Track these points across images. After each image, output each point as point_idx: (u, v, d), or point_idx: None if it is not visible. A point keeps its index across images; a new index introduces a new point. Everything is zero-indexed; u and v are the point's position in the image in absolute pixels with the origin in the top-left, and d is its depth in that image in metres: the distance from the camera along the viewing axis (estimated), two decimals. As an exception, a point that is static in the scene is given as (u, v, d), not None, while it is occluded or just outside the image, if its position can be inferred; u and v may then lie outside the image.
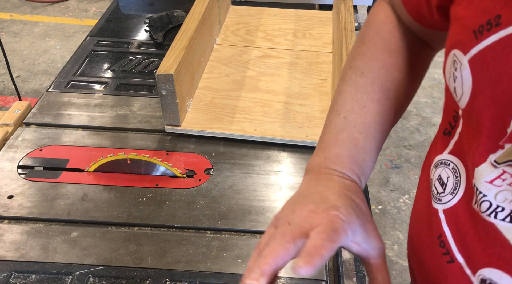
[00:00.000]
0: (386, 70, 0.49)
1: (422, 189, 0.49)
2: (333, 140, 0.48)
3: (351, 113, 0.49)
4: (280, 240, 0.37)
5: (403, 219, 1.82)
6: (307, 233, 0.36)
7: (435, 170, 0.45)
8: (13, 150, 0.79)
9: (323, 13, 1.18)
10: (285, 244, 0.37)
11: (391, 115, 0.50)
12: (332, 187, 0.43)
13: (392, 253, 1.70)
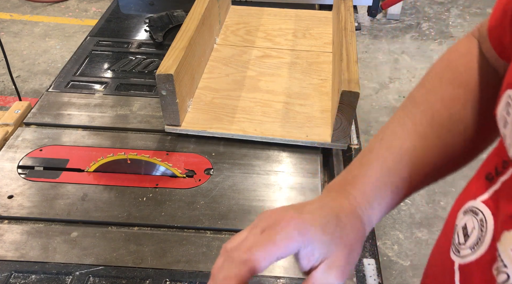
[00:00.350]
0: (443, 104, 0.43)
1: (446, 231, 0.44)
2: (359, 159, 0.45)
3: (389, 136, 0.46)
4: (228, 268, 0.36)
5: (403, 219, 1.82)
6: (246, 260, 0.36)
7: (462, 216, 0.40)
8: (13, 150, 0.79)
9: (323, 13, 1.18)
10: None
11: (437, 157, 0.44)
12: (323, 201, 0.41)
13: (392, 253, 1.70)
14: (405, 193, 0.44)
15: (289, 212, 0.38)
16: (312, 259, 0.37)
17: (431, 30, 3.04)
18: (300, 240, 0.36)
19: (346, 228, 0.39)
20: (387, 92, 2.49)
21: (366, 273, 0.62)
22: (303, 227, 0.36)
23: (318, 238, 0.37)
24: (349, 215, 0.40)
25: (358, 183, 0.42)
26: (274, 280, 0.61)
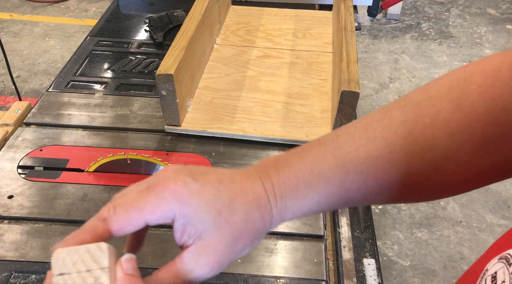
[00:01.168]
0: (432, 124, 0.36)
1: (475, 270, 0.37)
2: (306, 146, 0.39)
3: (346, 134, 0.39)
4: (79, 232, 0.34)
5: (403, 219, 1.82)
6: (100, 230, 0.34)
7: (496, 261, 0.33)
8: (13, 150, 0.79)
9: (323, 13, 1.18)
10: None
11: (387, 181, 0.37)
12: (233, 176, 0.36)
13: (392, 253, 1.70)
14: (332, 204, 0.38)
15: (179, 176, 0.34)
16: (185, 235, 0.34)
17: (431, 30, 3.04)
18: (173, 209, 0.33)
19: (236, 214, 0.35)
20: (387, 92, 2.49)
21: (366, 273, 0.62)
22: (184, 196, 0.33)
23: (197, 214, 0.33)
24: (250, 202, 0.35)
25: (284, 171, 0.37)
26: (274, 280, 0.61)
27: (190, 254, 0.34)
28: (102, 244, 0.33)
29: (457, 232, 1.78)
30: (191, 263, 0.34)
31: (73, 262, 0.32)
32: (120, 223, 0.34)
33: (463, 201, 1.90)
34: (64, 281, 0.32)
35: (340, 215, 0.70)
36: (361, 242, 0.66)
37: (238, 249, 0.35)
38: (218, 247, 0.34)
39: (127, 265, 0.34)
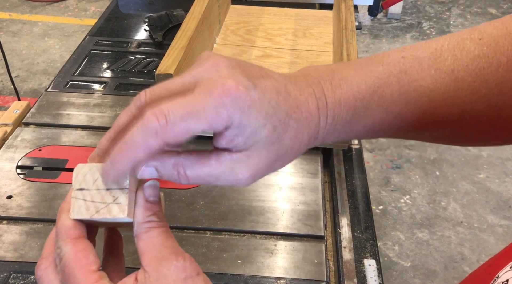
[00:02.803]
0: (508, 64, 0.33)
1: (484, 276, 0.36)
2: (365, 61, 0.35)
3: (413, 57, 0.35)
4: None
5: (404, 220, 1.82)
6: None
7: (508, 269, 0.33)
8: (12, 150, 0.79)
9: (324, 12, 1.17)
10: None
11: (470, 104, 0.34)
12: (287, 84, 0.32)
13: (393, 253, 1.70)
14: (381, 132, 0.35)
15: (238, 77, 0.30)
16: (232, 144, 0.30)
17: (431, 29, 3.03)
18: (232, 119, 0.29)
19: (289, 132, 0.32)
20: (387, 92, 2.49)
21: (367, 274, 0.62)
22: (245, 105, 0.29)
23: (254, 126, 0.30)
24: (303, 121, 0.32)
25: (342, 88, 0.34)
26: (274, 281, 0.60)
27: (229, 158, 0.31)
28: None
29: (458, 233, 1.78)
30: (226, 166, 0.31)
31: (94, 179, 0.32)
32: (176, 135, 0.28)
33: (464, 201, 1.89)
34: (83, 196, 0.32)
35: (341, 215, 0.70)
36: (361, 242, 0.66)
37: (277, 166, 0.33)
38: (261, 162, 0.31)
39: (149, 192, 0.33)
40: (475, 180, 1.98)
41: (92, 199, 0.32)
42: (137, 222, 0.33)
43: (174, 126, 0.28)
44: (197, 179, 0.31)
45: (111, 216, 0.32)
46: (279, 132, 0.31)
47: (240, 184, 0.32)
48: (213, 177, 0.31)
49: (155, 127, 0.28)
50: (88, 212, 0.32)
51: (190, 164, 0.31)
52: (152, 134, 0.28)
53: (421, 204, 1.88)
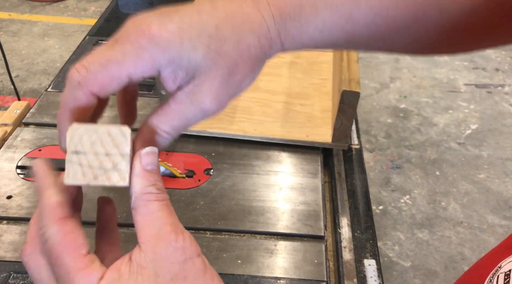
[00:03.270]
0: None
1: (485, 266, 0.36)
2: None
3: None
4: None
5: (404, 220, 1.82)
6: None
7: (511, 260, 0.33)
8: (12, 150, 0.79)
9: (324, 12, 1.17)
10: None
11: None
12: (214, 2, 0.31)
13: (393, 253, 1.70)
14: (335, 38, 0.34)
15: (150, 19, 0.30)
16: (178, 80, 0.31)
17: (431, 29, 3.03)
18: (156, 57, 0.29)
19: (227, 43, 0.31)
20: (387, 92, 2.49)
21: (367, 274, 0.62)
22: (163, 40, 0.29)
23: (184, 54, 0.30)
24: (241, 27, 0.31)
25: None
26: (274, 281, 0.60)
27: (183, 94, 0.31)
28: (125, 129, 0.31)
29: (458, 233, 1.77)
30: (186, 102, 0.31)
31: (91, 142, 0.30)
32: (100, 82, 0.29)
33: (464, 202, 1.89)
34: (79, 160, 0.30)
35: (341, 215, 0.70)
36: (361, 242, 0.66)
37: (237, 81, 0.33)
38: (214, 83, 0.31)
39: (146, 160, 0.31)
40: (475, 180, 1.98)
41: (89, 164, 0.30)
42: (135, 193, 0.31)
43: (95, 75, 0.29)
44: (175, 129, 0.32)
45: (110, 183, 0.30)
46: (216, 47, 0.30)
47: (208, 112, 0.31)
48: (184, 119, 0.31)
49: (77, 79, 0.29)
50: (84, 178, 0.30)
51: (159, 120, 0.32)
52: (76, 86, 0.29)
53: (421, 204, 1.88)
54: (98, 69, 0.29)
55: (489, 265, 0.35)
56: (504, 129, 2.25)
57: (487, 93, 2.49)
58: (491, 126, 2.27)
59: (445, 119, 2.31)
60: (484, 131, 2.24)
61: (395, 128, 2.25)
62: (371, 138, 2.19)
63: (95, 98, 0.30)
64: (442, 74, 2.61)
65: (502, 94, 2.48)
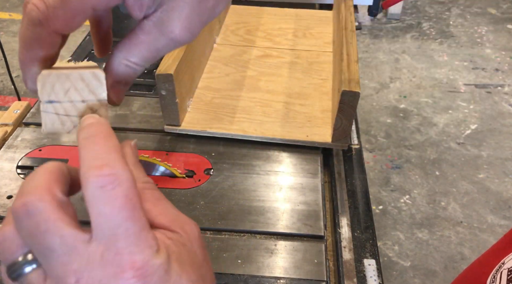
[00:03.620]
0: None
1: (488, 262, 0.36)
2: None
3: None
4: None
5: (404, 219, 1.82)
6: None
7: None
8: (12, 150, 0.79)
9: (324, 12, 1.17)
10: None
11: None
12: None
13: (393, 253, 1.70)
14: None
15: None
16: (144, 7, 0.28)
17: (431, 29, 3.03)
18: None
19: None
20: (387, 92, 2.49)
21: (367, 274, 0.62)
22: None
23: None
24: None
25: None
26: (274, 280, 0.60)
27: (151, 23, 0.29)
28: (98, 72, 0.29)
29: (457, 233, 1.78)
30: (154, 32, 0.29)
31: (65, 90, 0.28)
32: (62, 18, 0.27)
33: (464, 201, 1.89)
34: (55, 110, 0.28)
35: (341, 215, 0.70)
36: (361, 242, 0.66)
37: (209, 6, 0.30)
38: (184, 9, 0.28)
39: (131, 152, 0.30)
40: (475, 180, 1.98)
41: (66, 112, 0.28)
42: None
43: (56, 11, 0.27)
44: (145, 60, 0.30)
45: None
46: None
47: (179, 42, 0.29)
48: (153, 51, 0.29)
49: (37, 17, 0.26)
50: (64, 127, 0.29)
51: (128, 51, 0.30)
52: (37, 24, 0.27)
53: (421, 204, 1.88)
54: (58, 4, 0.26)
55: (492, 261, 0.34)
56: (504, 129, 2.26)
57: (487, 93, 2.49)
58: (491, 126, 2.27)
59: (444, 119, 2.31)
60: (484, 132, 2.24)
61: (395, 128, 2.25)
62: (371, 138, 2.19)
63: (59, 37, 0.28)
64: (441, 74, 2.61)
65: (501, 94, 2.48)
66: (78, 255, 0.24)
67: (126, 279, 0.23)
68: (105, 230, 0.24)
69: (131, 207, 0.24)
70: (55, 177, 0.26)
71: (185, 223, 0.28)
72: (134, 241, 0.24)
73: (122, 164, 0.25)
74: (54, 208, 0.25)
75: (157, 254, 0.24)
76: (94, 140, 0.25)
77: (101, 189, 0.24)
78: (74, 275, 0.23)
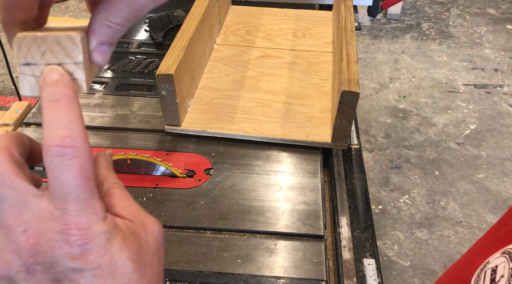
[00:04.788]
0: None
1: (474, 260, 0.36)
2: None
3: None
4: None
5: (403, 219, 1.82)
6: None
7: (499, 255, 0.33)
8: (13, 150, 0.79)
9: (323, 13, 1.18)
10: None
11: None
12: None
13: (392, 253, 1.70)
14: None
15: None
16: None
17: (431, 30, 3.04)
18: None
19: None
20: (387, 92, 2.49)
21: (366, 273, 0.62)
22: None
23: None
24: None
25: None
26: (274, 280, 0.61)
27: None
28: (74, 35, 0.28)
29: (457, 232, 1.78)
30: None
31: (41, 52, 0.28)
32: None
33: (463, 201, 1.90)
34: (32, 72, 0.29)
35: (340, 215, 0.70)
36: (361, 242, 0.66)
37: None
38: None
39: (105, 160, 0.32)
40: (474, 180, 1.99)
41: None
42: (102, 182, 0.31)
43: None
44: (127, 20, 0.29)
45: None
46: None
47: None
48: (134, 9, 0.29)
49: None
50: None
51: (108, 12, 0.29)
52: None
53: (420, 204, 1.88)
54: None
55: (478, 259, 0.35)
56: (503, 129, 2.26)
57: (486, 93, 2.49)
58: (490, 127, 2.27)
59: (444, 119, 2.31)
60: (483, 132, 2.24)
61: (394, 128, 2.26)
62: (371, 138, 2.19)
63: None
64: (441, 75, 2.61)
65: (501, 95, 2.49)
66: (29, 207, 0.26)
67: (70, 235, 0.26)
68: (58, 193, 0.26)
69: (84, 176, 0.26)
70: (14, 140, 0.29)
71: (146, 218, 0.30)
72: (83, 206, 0.26)
73: (82, 136, 0.26)
74: (10, 163, 0.27)
75: (102, 222, 0.27)
76: (58, 105, 0.26)
77: (60, 158, 0.26)
78: (22, 225, 0.26)
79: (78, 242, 0.26)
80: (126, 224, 0.28)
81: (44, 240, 0.26)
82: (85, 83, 0.29)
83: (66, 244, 0.25)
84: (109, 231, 0.27)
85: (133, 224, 0.29)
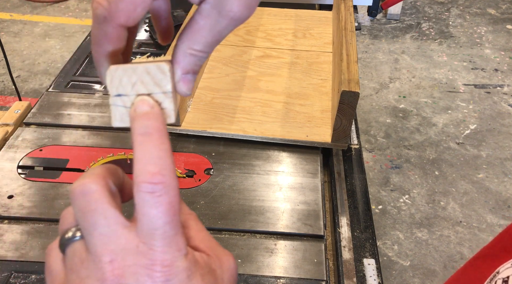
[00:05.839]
0: None
1: (482, 270, 0.36)
2: None
3: None
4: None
5: (403, 219, 1.82)
6: None
7: (509, 266, 0.33)
8: (13, 150, 0.79)
9: (323, 13, 1.18)
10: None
11: None
12: None
13: (392, 253, 1.70)
14: None
15: None
16: None
17: (431, 30, 3.04)
18: None
19: None
20: (387, 92, 2.49)
21: (366, 273, 0.62)
22: None
23: None
24: None
25: None
26: (274, 280, 0.61)
27: (209, 5, 0.29)
28: (163, 65, 0.30)
29: (457, 232, 1.78)
30: (213, 14, 0.29)
31: (132, 83, 0.30)
32: (125, 11, 0.28)
33: (463, 201, 1.90)
34: (123, 103, 0.30)
35: (340, 215, 0.70)
36: (361, 242, 0.66)
37: None
38: None
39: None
40: (474, 180, 1.99)
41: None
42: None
43: (118, 5, 0.28)
44: (209, 46, 0.30)
45: None
46: None
47: (239, 19, 0.30)
48: (215, 34, 0.30)
49: (102, 14, 0.28)
50: None
51: (190, 40, 0.30)
52: (102, 21, 0.29)
53: (420, 204, 1.88)
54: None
55: (486, 268, 0.35)
56: (503, 129, 2.26)
57: (486, 93, 2.49)
58: (490, 127, 2.27)
59: (444, 119, 2.31)
60: (483, 132, 2.24)
61: (394, 128, 2.26)
62: (371, 138, 2.19)
63: (124, 30, 0.30)
64: (441, 75, 2.61)
65: (501, 95, 2.49)
66: (117, 238, 0.26)
67: (154, 271, 0.25)
68: (145, 228, 0.26)
69: (172, 213, 0.26)
70: (111, 171, 0.29)
71: (223, 254, 0.30)
72: (168, 242, 0.26)
73: (172, 172, 0.27)
74: (104, 191, 0.27)
75: (184, 258, 0.27)
76: (150, 139, 0.27)
77: (151, 194, 0.26)
78: (109, 254, 0.26)
79: (161, 278, 0.25)
80: (204, 260, 0.28)
81: (128, 272, 0.26)
82: (174, 112, 0.30)
83: (150, 279, 0.25)
84: (190, 268, 0.27)
85: (210, 259, 0.29)
